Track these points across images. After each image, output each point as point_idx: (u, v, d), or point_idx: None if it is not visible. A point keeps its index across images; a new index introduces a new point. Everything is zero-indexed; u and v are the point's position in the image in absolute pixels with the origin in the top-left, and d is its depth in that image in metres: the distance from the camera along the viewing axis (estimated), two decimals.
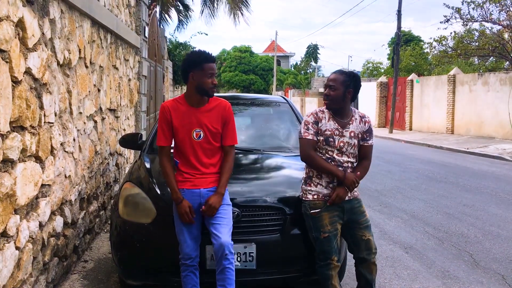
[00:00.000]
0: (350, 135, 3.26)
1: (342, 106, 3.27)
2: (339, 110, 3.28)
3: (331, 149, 3.24)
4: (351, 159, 3.29)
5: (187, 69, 3.15)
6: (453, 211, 6.67)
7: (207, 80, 3.10)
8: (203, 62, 3.11)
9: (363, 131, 3.32)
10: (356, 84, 3.25)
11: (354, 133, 3.27)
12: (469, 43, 23.16)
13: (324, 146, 3.24)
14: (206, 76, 3.10)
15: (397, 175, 9.84)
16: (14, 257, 2.86)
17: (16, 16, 2.84)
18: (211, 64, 3.13)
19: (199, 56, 3.14)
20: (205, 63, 3.11)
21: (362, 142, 3.32)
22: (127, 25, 7.11)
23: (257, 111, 5.43)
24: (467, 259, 4.75)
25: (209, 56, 3.15)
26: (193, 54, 3.21)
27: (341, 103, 3.25)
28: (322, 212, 3.21)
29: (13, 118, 2.81)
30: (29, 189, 3.10)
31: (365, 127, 3.33)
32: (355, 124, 3.29)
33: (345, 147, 3.25)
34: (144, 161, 4.07)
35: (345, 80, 3.22)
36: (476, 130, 17.94)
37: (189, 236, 3.15)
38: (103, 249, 4.88)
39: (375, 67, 40.37)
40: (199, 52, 3.18)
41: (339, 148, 3.24)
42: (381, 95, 25.52)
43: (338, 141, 3.23)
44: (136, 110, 8.02)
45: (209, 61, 3.12)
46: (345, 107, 3.28)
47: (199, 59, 3.12)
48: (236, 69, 49.22)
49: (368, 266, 3.32)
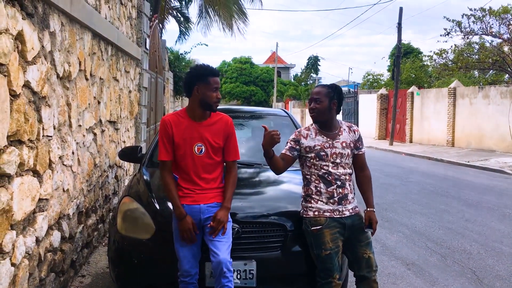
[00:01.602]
0: (342, 146, 3.26)
1: (329, 118, 3.29)
2: (326, 123, 3.30)
3: (325, 163, 3.22)
4: (348, 170, 3.28)
5: (191, 82, 3.11)
6: (455, 226, 6.61)
7: (212, 94, 3.07)
8: (208, 75, 3.08)
9: (355, 140, 3.33)
10: (340, 96, 3.32)
11: (346, 143, 3.28)
12: (469, 56, 23.23)
13: (318, 161, 3.23)
14: (211, 90, 3.07)
15: (398, 189, 9.78)
16: (9, 274, 2.80)
17: (16, 29, 2.80)
18: (216, 78, 3.11)
19: (204, 70, 3.11)
20: (211, 76, 3.08)
21: (357, 152, 3.34)
22: (128, 37, 7.10)
23: (257, 124, 5.38)
24: (470, 276, 4.68)
25: (214, 70, 3.14)
26: (198, 68, 3.17)
27: (327, 115, 3.28)
28: (323, 229, 3.16)
29: (10, 132, 2.76)
30: (26, 204, 3.04)
31: (355, 136, 3.35)
32: (345, 134, 3.31)
33: (339, 159, 3.23)
34: (144, 175, 4.02)
35: (328, 92, 3.28)
36: (476, 143, 17.90)
37: (188, 253, 3.09)
38: (101, 263, 4.81)
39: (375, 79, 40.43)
40: (204, 66, 3.15)
41: (332, 161, 3.22)
42: (381, 107, 25.52)
43: (331, 153, 3.23)
44: (136, 121, 7.98)
45: (215, 74, 3.10)
46: (331, 119, 3.31)
47: (205, 72, 3.09)
48: (237, 80, 49.34)
49: (369, 284, 3.26)
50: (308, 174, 3.28)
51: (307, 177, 3.29)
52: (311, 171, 3.26)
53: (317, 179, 3.23)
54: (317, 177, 3.23)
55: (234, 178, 3.20)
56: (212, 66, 3.17)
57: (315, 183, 3.24)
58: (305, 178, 3.32)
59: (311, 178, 3.26)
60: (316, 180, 3.23)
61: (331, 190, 3.21)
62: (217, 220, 3.03)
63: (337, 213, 3.19)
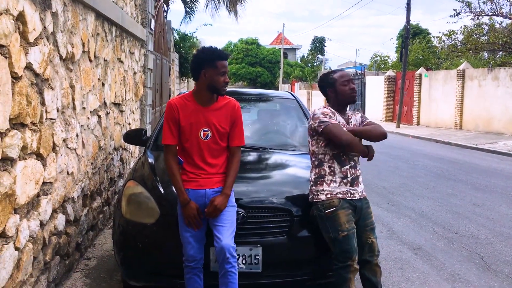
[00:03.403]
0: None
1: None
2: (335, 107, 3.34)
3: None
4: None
5: (198, 66, 3.03)
6: (462, 210, 6.55)
7: (219, 78, 2.99)
8: (216, 59, 2.99)
9: (360, 119, 3.41)
10: None
11: (356, 125, 3.34)
12: (478, 38, 22.87)
13: None
14: (219, 74, 2.99)
15: (405, 172, 9.71)
16: (13, 258, 2.78)
17: (16, 9, 2.73)
18: (224, 62, 3.01)
19: (212, 53, 3.01)
20: (218, 60, 2.99)
21: (364, 122, 3.40)
22: (133, 17, 7.00)
23: (263, 107, 5.32)
24: (478, 261, 4.64)
25: (222, 53, 3.04)
26: (205, 51, 3.07)
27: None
28: (337, 211, 3.12)
29: (13, 115, 2.71)
30: (30, 187, 3.01)
31: (358, 116, 3.44)
32: (353, 118, 3.37)
33: None
34: (148, 158, 3.98)
35: None
36: (485, 126, 17.73)
37: (193, 238, 3.05)
38: (106, 246, 4.81)
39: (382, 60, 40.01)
40: (212, 49, 3.05)
41: None
42: (388, 89, 25.27)
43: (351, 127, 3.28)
44: (142, 103, 7.92)
45: (222, 58, 3.01)
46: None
47: (212, 56, 3.00)
48: (242, 61, 49.01)
49: (372, 268, 3.24)
50: (322, 153, 3.23)
51: (319, 157, 3.24)
52: (325, 150, 3.22)
53: (331, 159, 3.21)
54: (331, 157, 3.21)
55: (236, 164, 3.14)
56: (220, 48, 3.07)
57: (329, 163, 3.21)
58: (316, 159, 3.26)
59: (325, 158, 3.22)
60: (330, 159, 3.21)
61: (345, 170, 3.20)
62: (213, 206, 2.98)
63: (348, 195, 3.17)
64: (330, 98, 3.35)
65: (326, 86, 3.36)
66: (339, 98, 3.29)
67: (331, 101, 3.35)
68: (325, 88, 3.37)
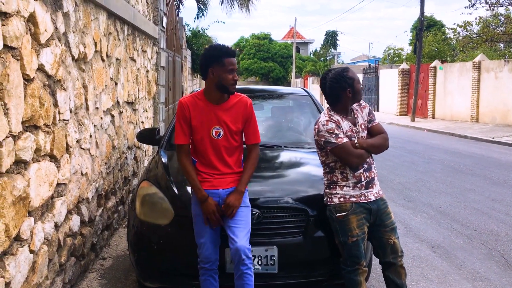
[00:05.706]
0: (361, 128, 3.16)
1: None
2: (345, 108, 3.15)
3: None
4: None
5: (206, 64, 2.98)
6: (481, 206, 6.42)
7: (227, 75, 2.93)
8: (223, 56, 2.93)
9: (367, 115, 3.22)
10: None
11: (364, 124, 3.19)
12: (494, 29, 22.47)
13: None
14: (227, 72, 2.93)
15: (421, 167, 9.56)
16: (28, 261, 2.77)
17: (27, 10, 2.71)
18: (232, 59, 2.95)
19: (219, 50, 2.96)
20: (225, 57, 2.93)
21: (371, 125, 3.21)
22: (145, 15, 6.97)
23: (276, 104, 5.26)
24: (499, 259, 4.53)
25: (230, 50, 2.97)
26: (212, 48, 3.03)
27: None
28: (349, 215, 3.04)
29: (25, 117, 2.70)
30: (44, 189, 3.00)
31: (366, 111, 3.23)
32: (359, 115, 3.19)
33: None
34: (162, 158, 3.95)
35: None
36: (502, 119, 17.42)
37: (208, 239, 3.01)
38: (121, 245, 4.81)
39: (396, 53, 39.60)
40: (218, 46, 3.00)
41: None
42: (403, 83, 24.98)
43: (358, 139, 3.11)
44: (155, 101, 7.91)
45: (230, 55, 2.95)
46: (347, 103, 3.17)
47: (219, 53, 2.94)
48: (254, 57, 48.92)
49: (396, 270, 3.15)
50: (332, 162, 3.12)
51: (330, 165, 3.14)
52: (336, 159, 3.10)
53: (343, 166, 3.09)
54: (343, 164, 3.09)
55: (253, 161, 3.09)
56: (227, 45, 3.01)
57: (340, 169, 3.10)
58: (327, 166, 3.16)
59: (336, 165, 3.11)
60: (341, 166, 3.09)
61: (358, 175, 3.08)
62: (227, 204, 2.94)
63: (363, 198, 3.07)
64: (345, 99, 3.10)
65: (345, 87, 3.08)
66: (356, 98, 3.15)
67: (343, 103, 3.12)
68: (344, 89, 3.08)
